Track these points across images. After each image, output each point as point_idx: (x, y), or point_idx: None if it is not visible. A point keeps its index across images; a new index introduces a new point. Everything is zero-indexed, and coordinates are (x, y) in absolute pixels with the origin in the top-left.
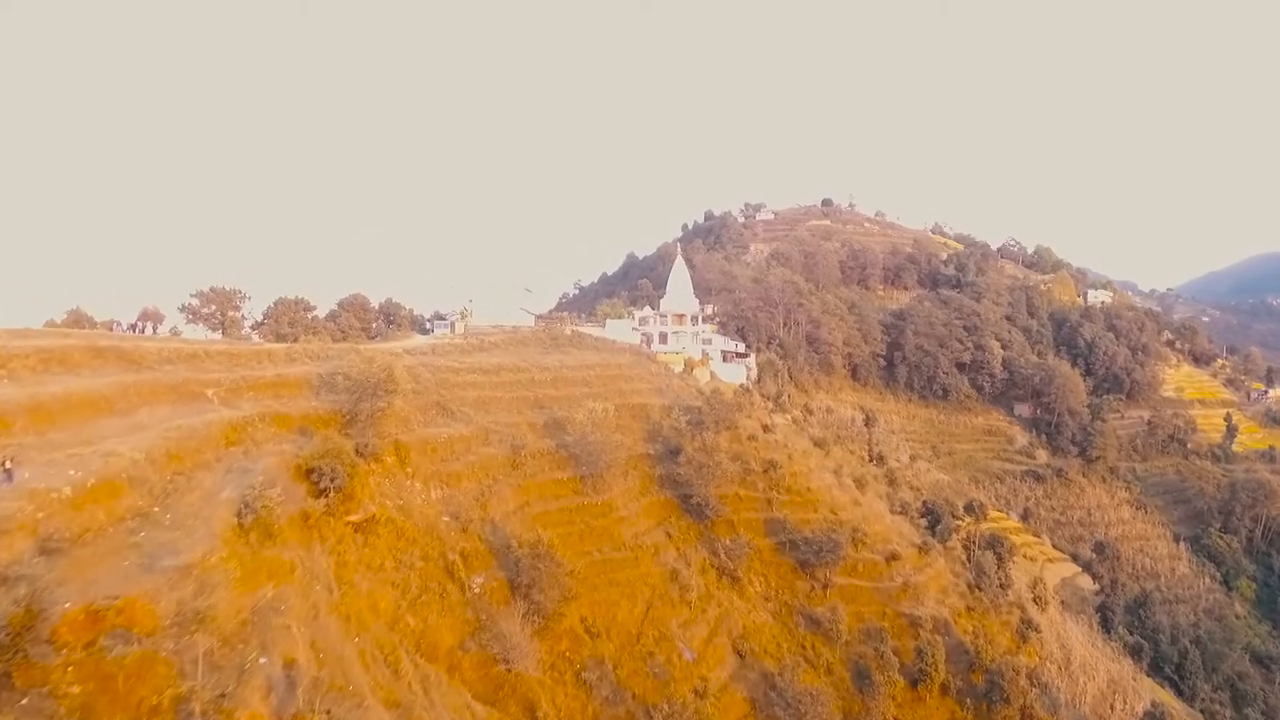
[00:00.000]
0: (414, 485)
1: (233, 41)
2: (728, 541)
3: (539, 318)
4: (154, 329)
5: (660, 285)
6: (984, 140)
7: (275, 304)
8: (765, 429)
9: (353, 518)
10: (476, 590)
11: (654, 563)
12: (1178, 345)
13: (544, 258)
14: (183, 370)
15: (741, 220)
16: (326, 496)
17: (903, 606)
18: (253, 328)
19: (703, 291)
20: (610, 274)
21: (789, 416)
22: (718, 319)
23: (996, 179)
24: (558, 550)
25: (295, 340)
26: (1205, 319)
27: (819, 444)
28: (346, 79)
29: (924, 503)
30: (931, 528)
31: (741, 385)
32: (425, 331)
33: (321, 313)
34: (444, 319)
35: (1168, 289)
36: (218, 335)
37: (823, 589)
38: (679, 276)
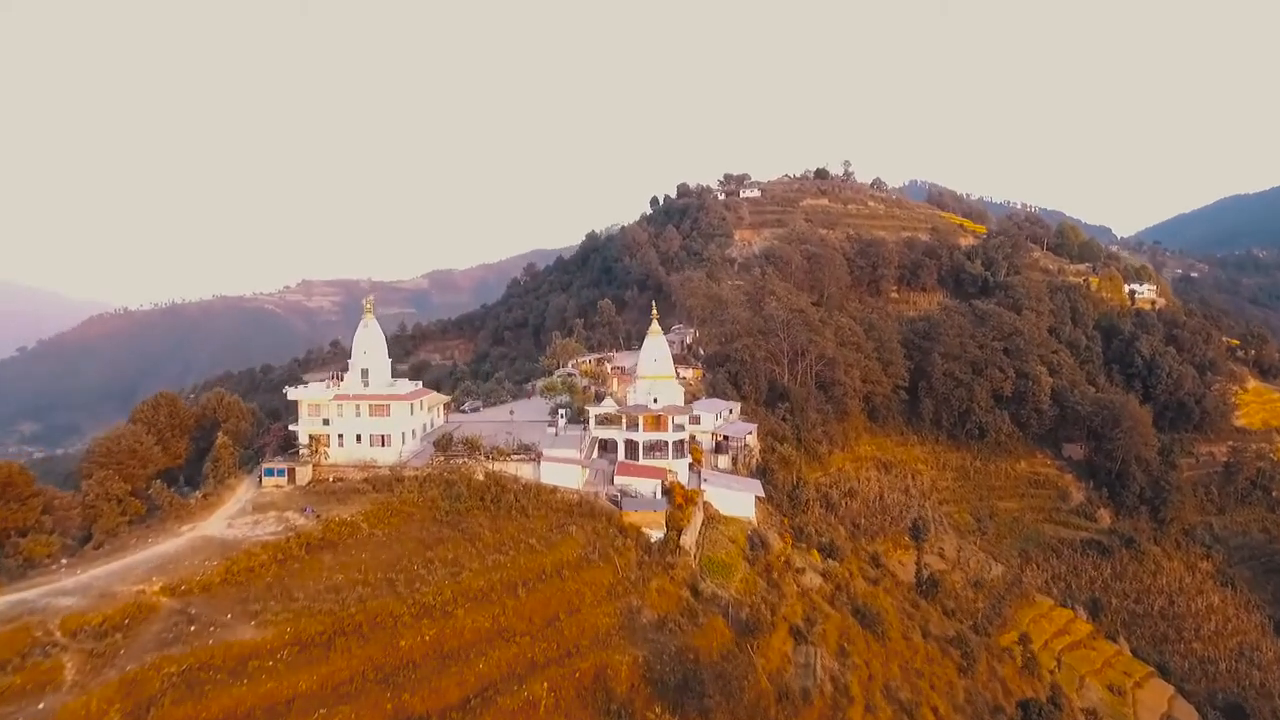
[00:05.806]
0: None
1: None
2: None
3: (448, 406)
4: None
5: (626, 283)
6: (956, 88)
7: None
8: (796, 634)
9: None
10: None
11: None
12: (1239, 353)
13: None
14: None
15: (723, 198)
16: None
17: None
18: None
19: (683, 318)
20: (567, 258)
21: (820, 565)
22: (703, 359)
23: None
24: None
25: None
26: (1195, 275)
27: (868, 621)
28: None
29: (1019, 706)
30: None
31: (752, 531)
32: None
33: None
34: (281, 459)
35: (1154, 241)
36: None
37: None
38: (655, 352)
